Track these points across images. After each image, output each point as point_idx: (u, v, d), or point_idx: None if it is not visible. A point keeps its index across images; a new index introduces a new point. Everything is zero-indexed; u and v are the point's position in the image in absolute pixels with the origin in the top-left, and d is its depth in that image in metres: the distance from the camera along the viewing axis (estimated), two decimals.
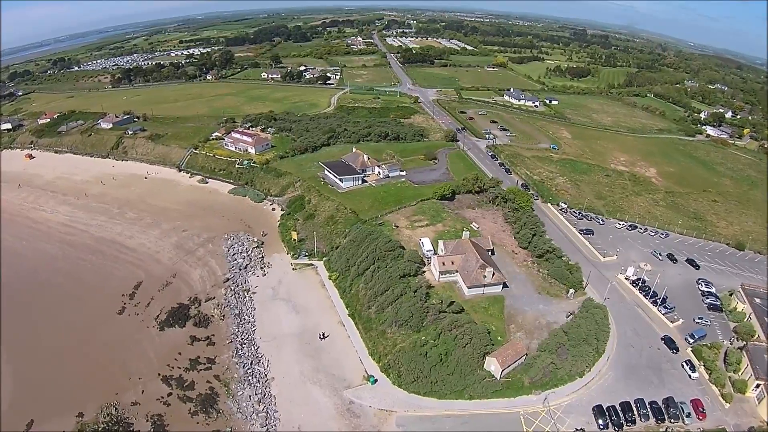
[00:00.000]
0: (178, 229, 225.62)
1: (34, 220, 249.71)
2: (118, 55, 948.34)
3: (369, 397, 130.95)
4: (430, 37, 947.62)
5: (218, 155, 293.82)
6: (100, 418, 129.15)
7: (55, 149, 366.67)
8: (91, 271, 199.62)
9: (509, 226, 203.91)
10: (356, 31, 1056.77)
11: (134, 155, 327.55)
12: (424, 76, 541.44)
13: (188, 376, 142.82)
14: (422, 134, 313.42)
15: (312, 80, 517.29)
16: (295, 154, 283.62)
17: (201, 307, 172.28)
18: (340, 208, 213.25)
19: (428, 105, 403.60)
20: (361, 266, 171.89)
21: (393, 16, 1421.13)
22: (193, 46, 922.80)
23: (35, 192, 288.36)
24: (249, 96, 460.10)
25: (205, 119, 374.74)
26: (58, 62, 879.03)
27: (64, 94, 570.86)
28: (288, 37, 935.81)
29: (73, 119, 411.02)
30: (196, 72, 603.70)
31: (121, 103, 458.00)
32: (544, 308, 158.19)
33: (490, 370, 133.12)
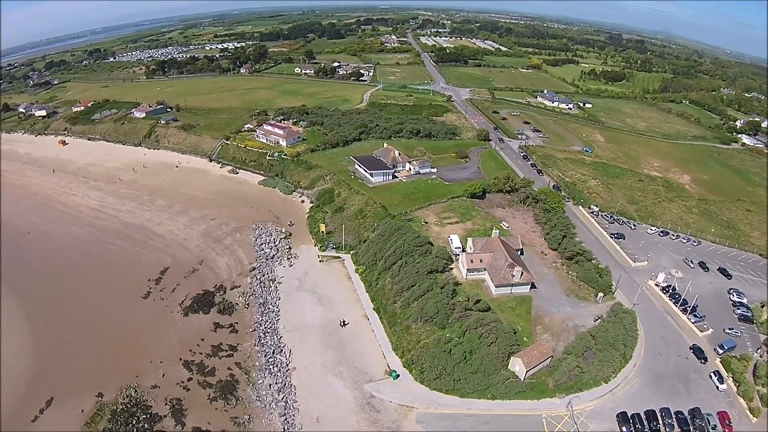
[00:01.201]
0: (206, 218, 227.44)
1: (65, 204, 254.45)
2: (153, 47, 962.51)
3: (390, 392, 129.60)
4: (465, 37, 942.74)
5: (249, 146, 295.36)
6: (119, 399, 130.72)
7: (89, 136, 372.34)
8: (118, 255, 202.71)
9: (539, 227, 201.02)
10: (390, 29, 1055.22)
11: (166, 144, 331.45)
12: (458, 75, 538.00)
13: (209, 362, 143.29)
14: (454, 132, 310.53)
15: (345, 76, 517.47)
16: (326, 147, 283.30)
17: (226, 294, 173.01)
18: (370, 202, 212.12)
19: (461, 104, 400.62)
20: (389, 260, 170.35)
21: (427, 16, 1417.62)
22: (228, 40, 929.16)
23: (67, 177, 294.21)
24: (282, 90, 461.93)
25: (237, 111, 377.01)
26: (94, 53, 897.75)
27: (99, 83, 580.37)
28: (322, 34, 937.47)
29: (106, 108, 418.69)
30: (230, 65, 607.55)
31: (155, 93, 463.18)
32: (571, 311, 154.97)
33: (515, 371, 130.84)
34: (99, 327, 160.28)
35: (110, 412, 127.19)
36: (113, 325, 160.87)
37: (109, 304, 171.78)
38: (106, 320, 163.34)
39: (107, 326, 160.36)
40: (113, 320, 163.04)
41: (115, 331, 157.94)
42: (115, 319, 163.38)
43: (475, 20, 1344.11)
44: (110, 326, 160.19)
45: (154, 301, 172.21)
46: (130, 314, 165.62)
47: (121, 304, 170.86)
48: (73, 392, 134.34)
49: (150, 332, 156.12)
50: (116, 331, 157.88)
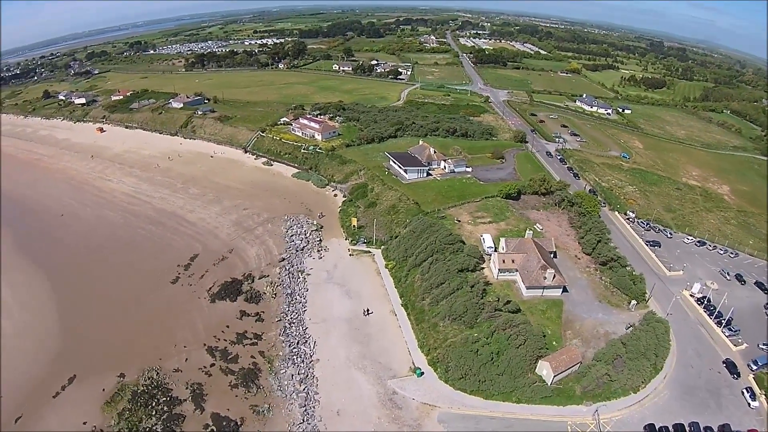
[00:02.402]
0: (239, 207, 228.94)
1: (100, 189, 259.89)
2: (193, 41, 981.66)
3: (413, 390, 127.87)
4: (504, 39, 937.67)
5: (285, 139, 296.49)
6: (140, 380, 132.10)
7: (126, 125, 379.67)
8: (149, 240, 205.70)
9: (574, 231, 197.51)
10: (430, 30, 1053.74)
11: (202, 134, 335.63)
12: (496, 77, 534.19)
13: (233, 350, 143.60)
14: (491, 133, 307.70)
15: (383, 74, 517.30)
16: (361, 143, 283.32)
17: (254, 283, 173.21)
18: (403, 198, 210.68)
19: (499, 105, 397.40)
20: (419, 257, 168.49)
21: (467, 18, 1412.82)
22: (267, 36, 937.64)
23: (103, 163, 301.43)
24: (319, 86, 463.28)
25: (274, 105, 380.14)
26: (135, 45, 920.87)
27: (138, 74, 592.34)
28: (361, 32, 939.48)
29: (145, 98, 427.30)
30: (269, 60, 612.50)
31: (193, 85, 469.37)
32: (603, 317, 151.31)
33: (542, 375, 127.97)
34: (126, 309, 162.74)
35: (131, 393, 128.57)
36: (140, 307, 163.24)
37: (138, 287, 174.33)
38: (133, 302, 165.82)
39: (134, 308, 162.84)
40: (140, 303, 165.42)
41: (141, 313, 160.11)
42: (142, 302, 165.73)
43: (515, 23, 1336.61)
44: (137, 308, 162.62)
45: (182, 286, 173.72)
46: (157, 298, 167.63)
47: (149, 288, 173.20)
48: (95, 371, 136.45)
49: (176, 317, 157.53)
50: (143, 313, 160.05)
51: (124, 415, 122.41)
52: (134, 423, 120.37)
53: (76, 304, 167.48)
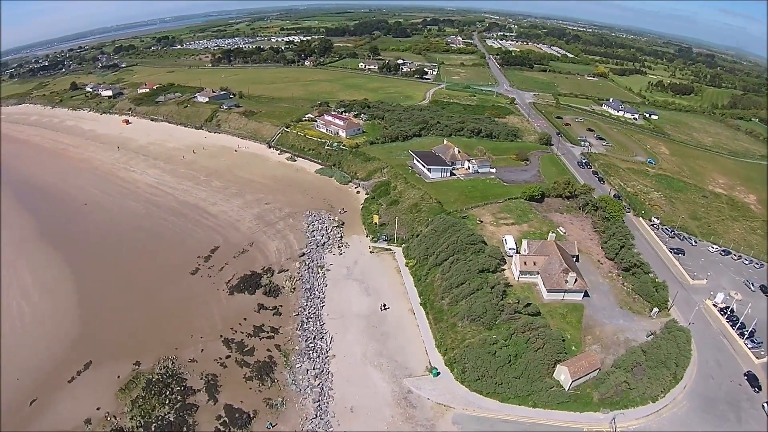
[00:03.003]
0: (261, 201, 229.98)
1: (124, 180, 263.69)
2: (220, 37, 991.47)
3: (429, 389, 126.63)
4: (531, 42, 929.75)
5: (309, 135, 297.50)
6: (155, 369, 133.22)
7: (152, 117, 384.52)
8: (171, 230, 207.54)
9: (597, 235, 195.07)
10: (456, 30, 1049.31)
11: (227, 129, 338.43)
12: (522, 79, 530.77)
13: (250, 342, 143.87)
14: (516, 135, 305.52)
15: (409, 74, 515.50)
16: (385, 141, 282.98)
17: (273, 277, 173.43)
18: (426, 197, 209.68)
19: (524, 107, 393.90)
20: (440, 256, 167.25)
21: (494, 20, 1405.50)
22: (294, 34, 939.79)
23: (128, 154, 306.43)
24: (345, 83, 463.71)
25: (299, 101, 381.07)
26: (162, 40, 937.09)
27: (165, 68, 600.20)
28: (388, 32, 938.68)
29: (171, 91, 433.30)
30: (295, 57, 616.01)
31: (219, 80, 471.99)
32: (624, 324, 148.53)
33: (560, 380, 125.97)
34: (145, 297, 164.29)
35: (145, 381, 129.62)
36: (159, 297, 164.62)
37: (157, 276, 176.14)
38: (152, 292, 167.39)
39: (153, 297, 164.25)
40: (159, 292, 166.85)
41: (160, 302, 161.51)
42: (161, 292, 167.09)
43: (542, 26, 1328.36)
44: (156, 298, 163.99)
45: (201, 277, 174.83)
46: (176, 288, 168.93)
47: (168, 278, 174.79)
48: (111, 358, 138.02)
49: (194, 307, 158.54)
50: (161, 303, 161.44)
51: (138, 403, 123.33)
52: (147, 411, 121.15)
53: (96, 291, 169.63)
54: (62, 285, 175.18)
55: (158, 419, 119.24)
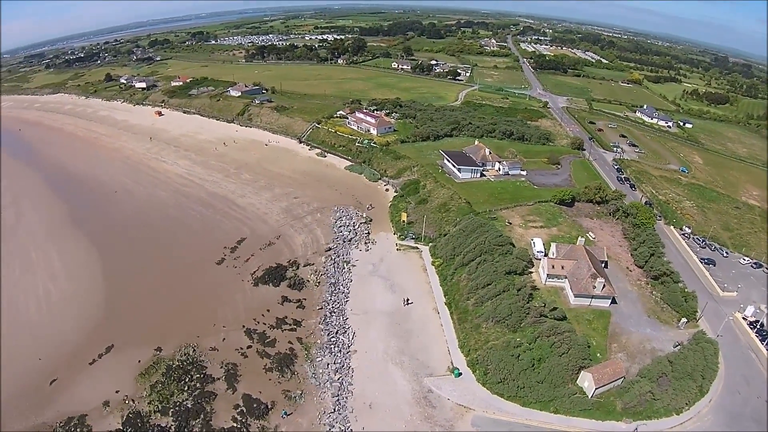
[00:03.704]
0: (289, 195, 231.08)
1: (154, 169, 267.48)
2: (254, 34, 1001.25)
3: (449, 390, 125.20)
4: (565, 46, 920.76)
5: (340, 132, 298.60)
6: (176, 355, 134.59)
7: (184, 110, 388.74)
8: (199, 221, 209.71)
9: (627, 242, 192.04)
10: (490, 33, 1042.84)
11: (258, 123, 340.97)
12: (556, 83, 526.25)
13: (272, 334, 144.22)
14: (548, 138, 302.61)
15: (441, 74, 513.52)
16: (416, 140, 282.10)
17: (298, 270, 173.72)
18: (455, 197, 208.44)
19: (557, 111, 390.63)
20: (467, 256, 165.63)
21: (529, 23, 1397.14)
22: (328, 32, 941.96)
23: (159, 145, 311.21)
24: (377, 82, 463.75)
25: (331, 99, 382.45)
26: (197, 35, 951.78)
27: (199, 63, 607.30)
28: (422, 33, 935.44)
29: (204, 85, 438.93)
30: (328, 55, 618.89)
31: (252, 75, 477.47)
32: (651, 333, 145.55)
33: (583, 386, 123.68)
34: (169, 285, 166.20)
35: (165, 367, 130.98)
36: (184, 285, 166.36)
37: (183, 265, 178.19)
38: (177, 280, 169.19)
39: (178, 285, 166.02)
40: (184, 281, 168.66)
41: (184, 291, 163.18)
42: (186, 280, 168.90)
43: (577, 31, 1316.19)
44: (180, 286, 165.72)
45: (227, 268, 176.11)
46: (202, 277, 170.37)
47: (194, 267, 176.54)
48: (133, 343, 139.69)
49: (218, 297, 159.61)
50: (186, 291, 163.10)
51: (157, 388, 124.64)
52: (166, 396, 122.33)
53: (122, 276, 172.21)
54: (89, 269, 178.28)
55: (176, 405, 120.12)
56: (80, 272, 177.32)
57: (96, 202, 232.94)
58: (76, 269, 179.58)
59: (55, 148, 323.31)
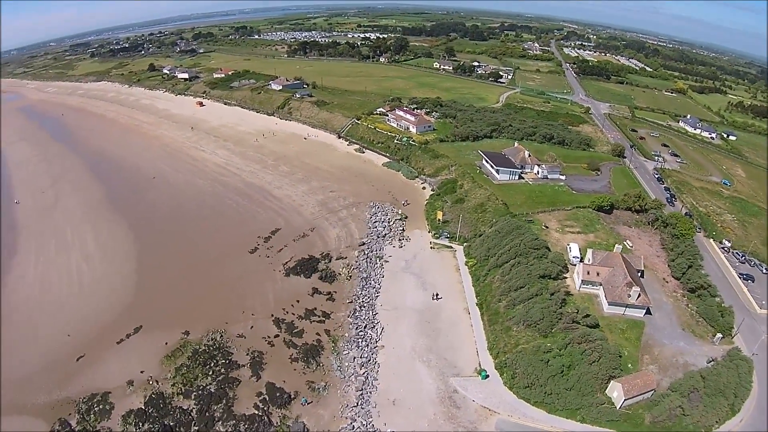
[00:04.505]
0: (325, 189, 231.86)
1: (193, 158, 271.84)
2: (297, 30, 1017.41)
3: (475, 391, 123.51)
4: (609, 53, 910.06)
5: (379, 129, 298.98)
6: (203, 340, 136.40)
7: (225, 101, 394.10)
8: (234, 210, 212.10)
9: (665, 253, 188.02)
10: (534, 37, 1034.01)
11: (298, 117, 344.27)
12: (598, 89, 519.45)
13: (300, 324, 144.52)
14: (588, 144, 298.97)
15: (483, 76, 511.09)
16: (455, 139, 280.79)
17: (331, 263, 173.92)
18: (492, 198, 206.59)
19: (599, 117, 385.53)
20: (501, 258, 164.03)
21: (573, 29, 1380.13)
22: (370, 31, 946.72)
23: (199, 134, 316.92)
24: (418, 81, 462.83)
25: (371, 96, 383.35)
26: (240, 29, 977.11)
27: (242, 56, 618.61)
28: (464, 34, 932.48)
29: (246, 77, 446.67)
30: (370, 53, 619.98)
31: (294, 70, 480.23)
32: (684, 346, 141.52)
33: (612, 396, 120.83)
34: (201, 271, 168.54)
35: (192, 351, 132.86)
36: (215, 271, 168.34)
37: (216, 252, 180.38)
38: (209, 266, 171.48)
39: (209, 271, 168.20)
40: (216, 267, 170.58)
41: (216, 277, 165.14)
42: (218, 267, 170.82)
43: (621, 38, 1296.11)
44: (212, 272, 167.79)
45: (259, 257, 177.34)
46: (233, 265, 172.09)
47: (227, 254, 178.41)
48: (162, 325, 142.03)
49: (249, 285, 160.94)
50: (217, 277, 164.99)
51: (181, 371, 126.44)
52: (190, 379, 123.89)
53: (155, 260, 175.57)
54: (123, 252, 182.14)
55: (199, 389, 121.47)
56: (114, 254, 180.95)
57: (134, 186, 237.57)
58: (110, 251, 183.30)
59: (97, 134, 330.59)
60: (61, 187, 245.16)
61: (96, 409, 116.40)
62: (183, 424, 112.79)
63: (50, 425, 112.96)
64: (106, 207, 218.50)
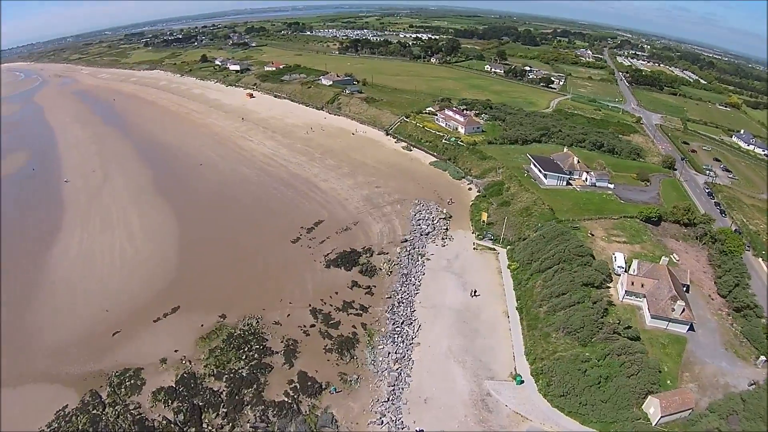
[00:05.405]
0: (371, 185, 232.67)
1: (241, 147, 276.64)
2: (349, 28, 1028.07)
3: (509, 396, 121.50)
4: (663, 63, 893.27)
5: (427, 127, 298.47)
6: (239, 324, 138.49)
7: (275, 94, 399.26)
8: (279, 199, 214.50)
9: (712, 269, 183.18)
10: (587, 44, 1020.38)
11: (347, 112, 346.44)
12: (651, 99, 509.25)
13: (337, 316, 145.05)
14: (638, 154, 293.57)
15: (534, 81, 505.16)
16: (504, 142, 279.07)
17: (372, 258, 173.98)
18: (538, 202, 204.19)
19: (650, 128, 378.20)
20: (544, 263, 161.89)
21: (627, 38, 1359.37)
22: (422, 31, 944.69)
23: (247, 125, 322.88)
24: (468, 83, 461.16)
25: (421, 95, 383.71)
26: (293, 25, 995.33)
27: (293, 51, 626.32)
28: (516, 39, 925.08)
29: (296, 72, 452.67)
30: (421, 53, 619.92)
31: (344, 66, 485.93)
32: (726, 367, 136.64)
33: (648, 412, 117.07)
34: (242, 257, 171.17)
35: (227, 334, 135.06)
36: (256, 258, 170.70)
37: (258, 239, 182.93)
38: (250, 252, 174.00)
39: (250, 258, 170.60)
40: (257, 254, 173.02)
41: (256, 264, 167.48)
42: (259, 254, 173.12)
43: (675, 49, 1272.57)
44: (253, 259, 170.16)
45: (301, 247, 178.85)
46: (275, 253, 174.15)
47: (269, 242, 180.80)
48: (199, 307, 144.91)
49: (289, 274, 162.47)
50: (257, 264, 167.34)
51: (215, 353, 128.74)
52: (222, 362, 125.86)
53: (197, 244, 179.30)
54: (166, 234, 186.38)
55: (231, 372, 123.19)
56: (157, 236, 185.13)
57: (180, 172, 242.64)
58: (153, 233, 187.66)
59: (147, 119, 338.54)
60: (109, 168, 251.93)
61: (127, 384, 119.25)
62: (212, 405, 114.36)
63: (81, 395, 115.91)
64: (152, 190, 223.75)
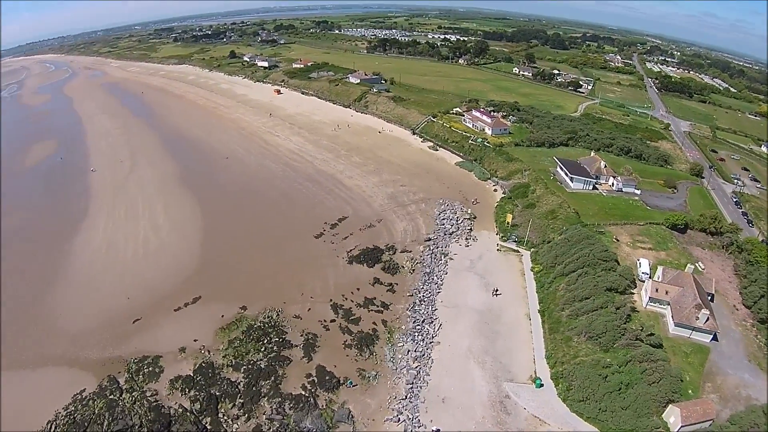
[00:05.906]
0: (396, 183, 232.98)
1: (267, 142, 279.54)
2: (378, 27, 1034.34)
3: (528, 399, 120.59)
4: (693, 70, 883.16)
5: (454, 128, 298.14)
6: (260, 316, 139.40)
7: (303, 90, 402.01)
8: (303, 194, 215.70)
9: (737, 279, 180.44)
10: (616, 50, 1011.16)
11: (374, 110, 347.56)
12: (679, 106, 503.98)
13: (357, 312, 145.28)
14: (666, 160, 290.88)
15: (563, 84, 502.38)
16: (530, 145, 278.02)
17: (395, 255, 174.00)
18: (564, 205, 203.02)
19: (678, 135, 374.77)
20: (568, 267, 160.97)
21: (656, 44, 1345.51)
22: (451, 33, 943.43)
23: (274, 120, 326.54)
24: (496, 85, 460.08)
25: (448, 95, 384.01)
26: (321, 23, 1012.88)
27: (321, 49, 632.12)
28: (545, 42, 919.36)
29: (324, 69, 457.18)
30: (450, 54, 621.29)
31: (372, 65, 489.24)
32: (749, 379, 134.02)
33: (668, 422, 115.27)
34: (265, 250, 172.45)
35: (247, 325, 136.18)
36: (279, 252, 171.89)
37: (282, 233, 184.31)
38: (274, 246, 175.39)
39: (273, 252, 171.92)
40: (280, 248, 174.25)
41: (279, 257, 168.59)
42: (282, 248, 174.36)
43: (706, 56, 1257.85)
44: (276, 252, 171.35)
45: (324, 242, 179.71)
46: (298, 247, 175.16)
47: (292, 237, 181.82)
48: (220, 298, 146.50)
49: (311, 268, 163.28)
50: (280, 258, 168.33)
51: (234, 344, 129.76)
52: (241, 353, 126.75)
53: (221, 236, 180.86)
54: (190, 225, 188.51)
55: (249, 363, 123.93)
56: (181, 227, 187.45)
57: (207, 165, 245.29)
58: (177, 223, 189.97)
59: (175, 113, 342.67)
60: (136, 159, 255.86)
61: (145, 371, 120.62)
62: (228, 395, 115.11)
63: (99, 380, 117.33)
64: (178, 181, 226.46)
